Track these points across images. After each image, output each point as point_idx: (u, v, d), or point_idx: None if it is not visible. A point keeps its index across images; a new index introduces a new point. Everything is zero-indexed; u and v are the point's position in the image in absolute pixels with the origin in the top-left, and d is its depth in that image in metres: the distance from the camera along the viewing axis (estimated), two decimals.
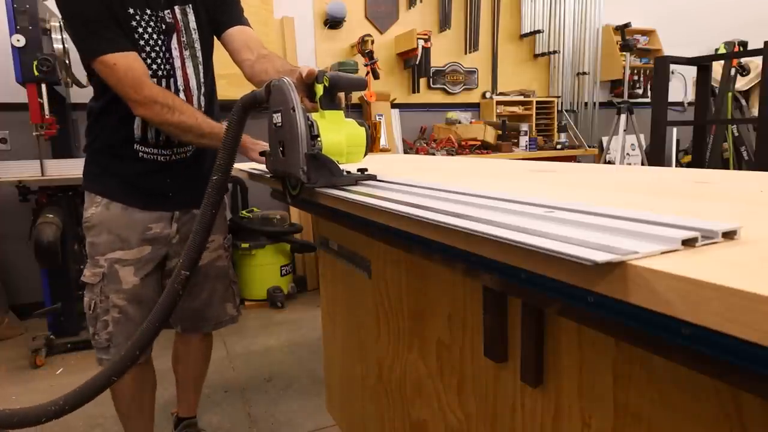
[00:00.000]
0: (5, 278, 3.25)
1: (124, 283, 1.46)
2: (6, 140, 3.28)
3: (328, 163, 0.98)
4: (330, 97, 1.04)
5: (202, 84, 1.52)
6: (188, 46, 1.47)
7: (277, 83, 0.98)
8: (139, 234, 1.47)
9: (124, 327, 1.47)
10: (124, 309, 1.47)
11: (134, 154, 1.46)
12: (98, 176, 1.49)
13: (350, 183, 1.00)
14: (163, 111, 1.34)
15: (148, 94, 1.33)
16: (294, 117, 0.94)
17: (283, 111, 0.97)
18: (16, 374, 2.58)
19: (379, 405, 1.34)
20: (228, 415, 2.14)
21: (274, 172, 1.13)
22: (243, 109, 1.04)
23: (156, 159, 1.48)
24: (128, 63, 1.32)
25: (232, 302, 1.72)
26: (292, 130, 0.95)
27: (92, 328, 1.48)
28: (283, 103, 0.96)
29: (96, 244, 1.47)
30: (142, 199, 1.48)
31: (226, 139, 1.03)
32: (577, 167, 1.47)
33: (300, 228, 3.57)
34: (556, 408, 0.75)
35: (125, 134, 1.44)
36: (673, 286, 0.38)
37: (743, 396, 0.50)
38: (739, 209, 0.69)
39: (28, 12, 2.52)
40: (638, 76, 5.16)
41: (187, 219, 1.56)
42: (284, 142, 0.99)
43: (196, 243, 1.05)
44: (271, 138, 1.05)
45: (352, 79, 1.09)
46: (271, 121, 1.02)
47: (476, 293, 0.87)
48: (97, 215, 1.46)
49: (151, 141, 1.46)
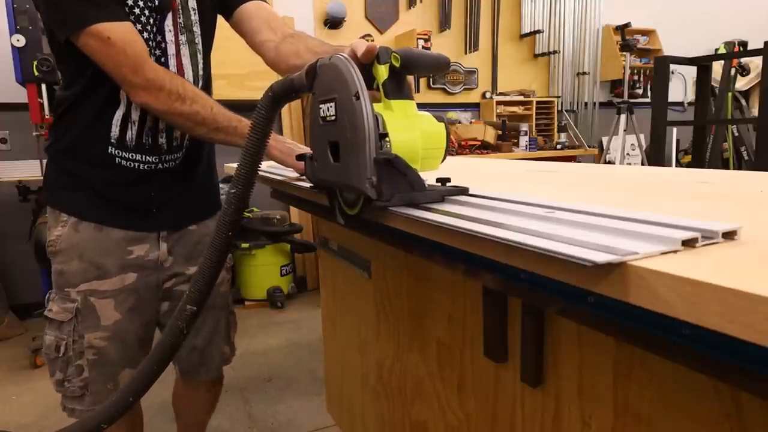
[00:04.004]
0: (5, 278, 3.25)
1: (104, 319, 1.19)
2: (6, 140, 3.28)
3: (408, 173, 0.71)
4: (397, 83, 0.78)
5: (199, 77, 1.24)
6: (185, 29, 1.19)
7: (328, 61, 0.73)
8: (117, 259, 1.19)
9: (102, 371, 1.21)
10: (103, 350, 1.20)
11: (108, 159, 1.16)
12: (64, 187, 1.19)
13: (436, 200, 0.74)
14: (170, 99, 1.08)
15: (153, 76, 1.06)
16: (359, 107, 0.67)
17: (339, 100, 0.70)
18: (16, 374, 2.58)
19: (379, 405, 1.34)
20: (228, 415, 2.14)
21: (317, 182, 0.85)
22: (274, 102, 0.79)
23: (136, 167, 1.18)
24: (125, 35, 1.04)
25: (230, 338, 1.47)
26: (354, 126, 0.68)
27: (60, 373, 1.20)
28: (340, 88, 0.70)
29: (65, 273, 1.18)
30: (119, 216, 1.19)
31: (251, 140, 0.78)
32: (577, 167, 1.47)
33: (300, 228, 3.57)
34: (556, 408, 0.75)
35: (98, 133, 1.15)
36: (673, 287, 0.38)
37: (743, 396, 0.50)
38: (739, 209, 0.69)
39: (28, 12, 2.52)
40: (638, 76, 5.16)
41: (179, 236, 1.29)
42: (339, 143, 0.73)
43: (208, 273, 0.84)
44: (316, 137, 0.80)
45: (431, 57, 0.82)
46: (317, 114, 0.77)
47: (476, 293, 0.87)
48: (65, 238, 1.17)
49: (130, 144, 1.16)
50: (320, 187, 0.88)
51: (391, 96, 0.77)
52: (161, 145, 1.20)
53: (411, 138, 0.75)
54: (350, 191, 0.79)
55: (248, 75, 3.32)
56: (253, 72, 3.33)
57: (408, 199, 0.71)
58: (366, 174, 0.67)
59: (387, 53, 0.77)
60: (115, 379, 1.23)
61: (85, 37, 1.03)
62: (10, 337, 3.04)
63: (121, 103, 1.14)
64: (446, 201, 0.75)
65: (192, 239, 1.31)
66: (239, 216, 0.83)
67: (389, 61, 0.77)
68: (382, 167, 0.67)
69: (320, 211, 1.10)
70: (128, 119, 1.15)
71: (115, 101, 1.14)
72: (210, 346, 1.40)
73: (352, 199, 0.80)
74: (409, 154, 0.73)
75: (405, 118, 0.76)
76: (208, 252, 0.84)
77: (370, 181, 0.67)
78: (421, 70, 0.82)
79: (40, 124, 2.54)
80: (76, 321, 1.18)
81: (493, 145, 4.20)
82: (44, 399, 2.30)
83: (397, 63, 0.77)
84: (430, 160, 0.79)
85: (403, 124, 0.75)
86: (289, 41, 1.22)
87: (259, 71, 3.41)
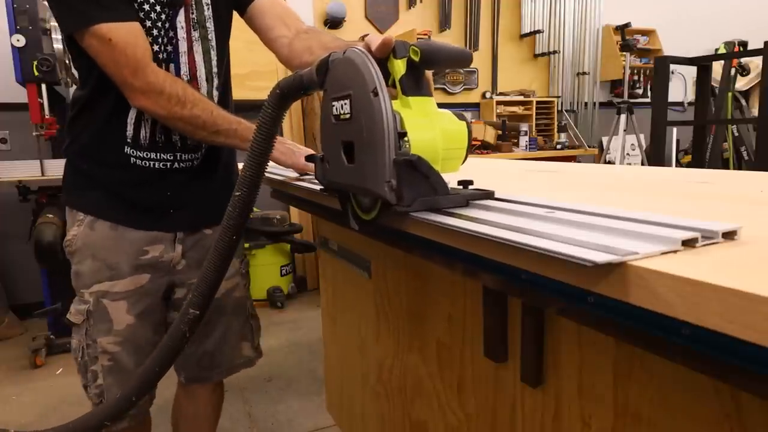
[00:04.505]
0: (5, 278, 3.25)
1: (116, 322, 1.16)
2: (6, 140, 3.28)
3: (431, 175, 0.65)
4: (415, 79, 0.72)
5: (214, 75, 1.20)
6: (198, 25, 1.15)
7: (343, 56, 0.69)
8: (131, 259, 1.16)
9: (117, 379, 1.18)
10: (116, 356, 1.17)
11: (124, 159, 1.14)
12: (80, 187, 1.19)
13: (460, 204, 0.69)
14: (170, 103, 1.05)
15: (153, 80, 1.04)
16: (377, 105, 0.62)
17: (355, 96, 0.66)
18: (16, 374, 2.58)
19: (379, 405, 1.34)
20: (228, 415, 2.14)
21: (328, 185, 0.79)
22: (282, 99, 0.75)
23: (152, 166, 1.16)
24: (128, 37, 1.02)
25: (249, 341, 1.41)
26: (371, 125, 0.63)
27: (83, 378, 1.19)
28: (356, 84, 0.66)
29: (80, 273, 1.17)
30: (135, 216, 1.17)
31: (257, 141, 0.76)
32: (577, 167, 1.47)
33: (300, 228, 3.57)
34: (556, 408, 0.75)
35: (113, 133, 1.13)
36: (673, 287, 0.38)
37: (743, 396, 0.50)
38: (739, 209, 0.69)
39: (28, 12, 2.52)
40: (638, 76, 5.16)
41: (195, 240, 1.26)
42: (354, 143, 0.68)
43: (211, 277, 0.83)
44: (328, 137, 0.75)
45: (453, 50, 0.75)
46: (329, 112, 0.72)
47: (476, 293, 0.87)
48: (80, 237, 1.16)
49: (144, 143, 1.14)
50: (332, 190, 0.81)
51: (409, 93, 0.71)
52: (175, 142, 1.17)
53: (431, 137, 0.69)
54: (366, 195, 0.73)
55: (249, 75, 3.32)
56: (254, 72, 3.33)
57: (431, 204, 0.65)
58: (384, 176, 0.62)
59: (404, 47, 0.71)
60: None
61: (88, 38, 1.02)
62: (10, 337, 3.04)
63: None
64: (470, 206, 0.69)
65: (206, 244, 1.27)
66: (244, 220, 0.80)
67: (407, 55, 0.71)
68: (403, 169, 0.62)
69: (321, 211, 1.10)
70: (141, 117, 1.13)
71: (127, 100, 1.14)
72: (220, 350, 1.35)
73: (367, 203, 0.75)
74: (430, 155, 0.66)
75: (424, 116, 0.70)
76: (211, 255, 0.82)
77: (389, 185, 0.62)
78: (442, 64, 0.76)
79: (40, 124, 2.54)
80: (89, 324, 1.16)
81: (493, 145, 4.20)
82: (44, 399, 2.30)
83: (416, 57, 0.70)
84: (450, 161, 0.73)
85: (422, 122, 0.69)
86: (303, 37, 1.19)
87: (260, 71, 3.45)
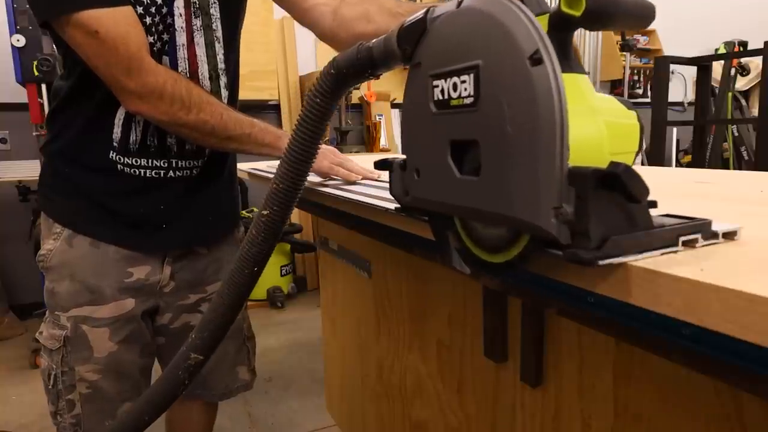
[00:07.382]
0: (5, 278, 3.25)
1: (96, 350, 1.02)
2: (6, 140, 3.28)
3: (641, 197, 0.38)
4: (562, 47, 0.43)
5: (221, 72, 1.01)
6: (200, 11, 0.96)
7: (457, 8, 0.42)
8: (115, 282, 1.01)
9: (96, 407, 1.05)
10: (96, 384, 1.04)
11: (110, 165, 0.97)
12: (59, 193, 1.01)
13: (670, 244, 0.42)
14: (173, 108, 0.89)
15: (151, 81, 0.86)
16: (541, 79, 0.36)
17: (488, 67, 0.39)
18: (16, 374, 2.58)
19: (379, 405, 1.34)
20: (228, 415, 2.14)
21: (416, 203, 0.52)
22: (337, 83, 0.53)
23: (142, 174, 0.99)
24: (119, 28, 0.83)
25: (246, 364, 1.28)
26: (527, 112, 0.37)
27: (52, 405, 1.06)
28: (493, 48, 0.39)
29: (56, 294, 1.01)
30: (120, 231, 1.01)
31: (298, 142, 0.56)
32: None
33: (300, 228, 3.57)
34: (556, 408, 0.75)
35: (98, 134, 0.96)
36: (673, 287, 0.38)
37: (743, 396, 0.50)
38: (739, 209, 0.69)
39: (28, 12, 2.51)
40: (638, 76, 5.16)
41: (186, 262, 1.10)
42: (481, 144, 0.41)
43: (221, 320, 0.67)
44: (420, 134, 0.48)
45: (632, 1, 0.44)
46: (425, 99, 0.46)
47: (476, 293, 0.87)
48: (56, 253, 1.00)
49: (133, 147, 0.97)
50: (420, 212, 0.54)
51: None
52: (170, 146, 1.00)
53: (595, 134, 0.44)
54: (497, 224, 0.45)
55: (248, 75, 3.31)
56: (254, 72, 3.32)
57: (636, 246, 0.40)
58: (550, 199, 0.37)
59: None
60: (114, 414, 1.07)
61: (69, 28, 0.82)
62: (10, 337, 3.03)
63: None
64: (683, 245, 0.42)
65: (199, 265, 1.14)
66: (270, 247, 0.62)
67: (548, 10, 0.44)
68: (590, 188, 0.36)
69: (322, 211, 1.10)
70: (132, 117, 0.96)
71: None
72: (213, 374, 1.22)
73: (494, 237, 0.46)
74: (593, 159, 0.41)
75: (581, 103, 0.44)
76: (224, 289, 0.65)
77: (560, 213, 0.37)
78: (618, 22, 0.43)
79: (40, 124, 2.54)
80: (65, 350, 1.02)
81: None
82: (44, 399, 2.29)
83: (575, 10, 0.40)
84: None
85: (579, 111, 0.42)
86: (352, 3, 0.98)
87: (260, 71, 3.45)
